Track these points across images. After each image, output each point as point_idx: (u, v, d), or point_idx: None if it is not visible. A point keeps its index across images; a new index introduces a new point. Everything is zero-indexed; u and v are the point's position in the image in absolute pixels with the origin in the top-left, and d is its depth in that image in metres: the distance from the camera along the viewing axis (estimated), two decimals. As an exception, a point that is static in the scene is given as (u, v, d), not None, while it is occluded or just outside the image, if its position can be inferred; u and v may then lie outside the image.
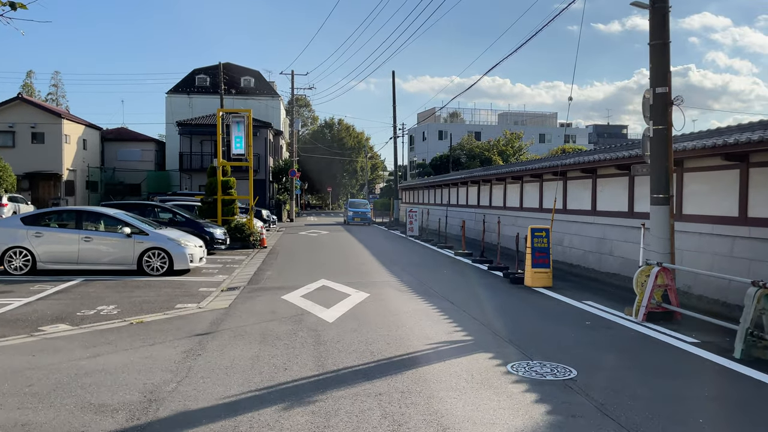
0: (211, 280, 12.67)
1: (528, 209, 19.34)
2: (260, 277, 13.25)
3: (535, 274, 11.69)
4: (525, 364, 6.18)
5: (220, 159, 20.73)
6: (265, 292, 11.08)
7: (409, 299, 10.24)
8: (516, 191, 20.59)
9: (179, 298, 10.33)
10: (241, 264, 15.76)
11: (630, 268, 13.08)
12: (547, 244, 11.80)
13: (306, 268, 14.74)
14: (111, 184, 46.30)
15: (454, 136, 67.90)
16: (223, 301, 10.11)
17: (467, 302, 9.99)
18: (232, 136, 20.58)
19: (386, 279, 12.91)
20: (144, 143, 49.25)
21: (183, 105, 49.45)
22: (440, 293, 10.90)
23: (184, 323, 8.17)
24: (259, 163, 41.05)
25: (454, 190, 28.76)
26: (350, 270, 14.47)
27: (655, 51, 9.45)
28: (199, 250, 13.86)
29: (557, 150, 58.56)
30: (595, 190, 15.17)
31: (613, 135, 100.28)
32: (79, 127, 42.72)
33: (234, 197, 21.22)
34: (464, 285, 12.25)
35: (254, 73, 52.62)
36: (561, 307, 9.86)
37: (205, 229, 17.76)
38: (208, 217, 20.33)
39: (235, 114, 20.84)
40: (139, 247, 13.09)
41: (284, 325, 8.06)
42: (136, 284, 11.88)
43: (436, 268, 15.22)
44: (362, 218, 37.54)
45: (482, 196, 24.29)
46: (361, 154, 76.67)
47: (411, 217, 26.27)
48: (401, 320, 8.36)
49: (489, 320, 8.48)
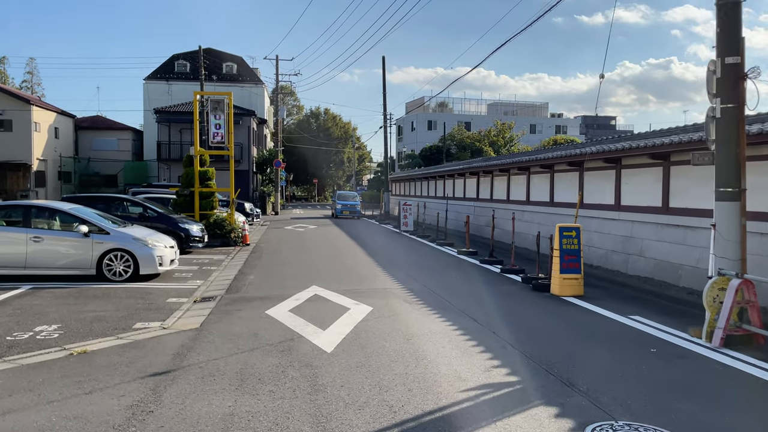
0: (183, 287, 10.80)
1: (536, 203, 17.63)
2: (241, 282, 11.41)
3: (564, 281, 9.97)
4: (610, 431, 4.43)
5: (197, 147, 18.77)
6: (246, 304, 9.25)
7: (422, 315, 8.47)
8: (522, 183, 18.89)
9: (141, 313, 8.47)
10: (220, 265, 13.88)
11: (665, 272, 11.43)
12: (578, 246, 10.08)
13: (294, 271, 12.91)
14: (86, 175, 43.93)
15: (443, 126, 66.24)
16: (193, 318, 8.27)
17: (492, 319, 8.24)
18: (211, 122, 18.63)
19: (388, 285, 11.13)
20: (121, 132, 46.90)
21: (162, 92, 47.11)
22: (456, 305, 9.14)
23: (140, 354, 6.33)
24: (241, 153, 38.98)
25: (452, 182, 26.99)
26: (345, 273, 12.67)
27: (723, 12, 7.71)
28: (170, 251, 11.96)
29: (549, 141, 57.19)
30: (620, 183, 13.49)
31: (603, 126, 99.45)
32: (51, 115, 40.29)
33: (213, 189, 19.27)
34: (480, 293, 10.51)
35: (237, 59, 50.35)
36: (606, 324, 8.14)
37: (180, 226, 15.85)
38: (184, 212, 18.37)
39: (215, 98, 18.87)
40: (98, 248, 11.17)
41: (269, 357, 6.24)
42: (92, 293, 9.99)
43: (441, 271, 13.46)
44: (351, 211, 35.69)
45: (484, 189, 22.55)
46: (348, 145, 74.60)
47: (405, 210, 24.48)
48: (420, 349, 6.59)
49: (529, 347, 6.74)
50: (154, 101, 44.82)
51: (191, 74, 47.20)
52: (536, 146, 55.76)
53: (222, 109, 18.63)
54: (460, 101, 73.45)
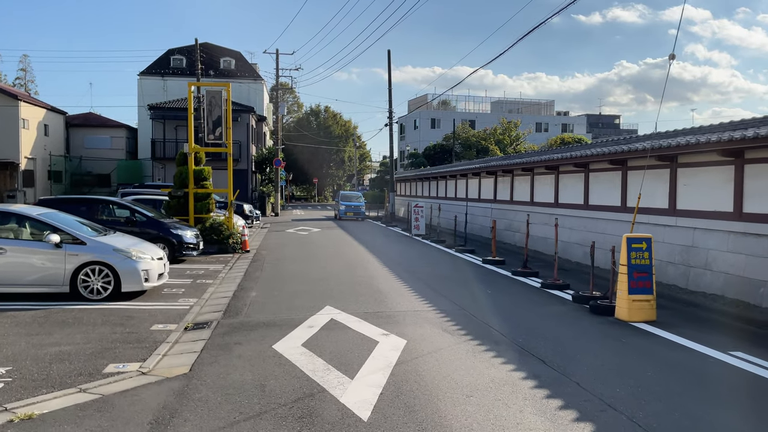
0: (172, 308, 9.06)
1: (567, 205, 15.89)
2: (242, 301, 9.66)
3: (633, 304, 8.24)
4: None
5: (191, 144, 16.99)
6: (249, 334, 7.50)
7: (471, 352, 6.72)
8: (549, 183, 17.16)
9: (117, 349, 6.73)
10: (217, 278, 12.13)
11: (740, 290, 9.69)
12: (649, 260, 8.35)
13: (302, 285, 11.16)
14: (77, 175, 42.11)
15: (446, 124, 64.44)
16: (182, 357, 6.52)
17: (565, 359, 6.49)
18: (207, 117, 16.84)
19: (416, 305, 9.39)
20: (114, 130, 45.04)
21: (157, 88, 45.28)
22: (509, 336, 7.40)
23: (105, 425, 4.59)
24: (240, 152, 37.22)
25: (464, 182, 25.23)
26: (361, 288, 10.92)
27: None
28: (158, 263, 10.20)
29: (556, 139, 55.44)
30: (675, 184, 11.77)
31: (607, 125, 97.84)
32: (40, 111, 38.45)
33: (209, 190, 17.50)
34: (530, 317, 8.77)
35: (235, 54, 48.52)
36: (711, 367, 6.39)
37: (172, 231, 14.10)
38: (178, 215, 16.62)
39: (210, 89, 17.11)
40: (72, 261, 9.42)
41: (282, 429, 4.50)
42: (62, 317, 8.24)
43: (471, 285, 11.73)
44: (355, 213, 33.93)
45: (503, 189, 20.81)
46: (349, 144, 72.78)
47: (417, 212, 22.73)
48: (491, 414, 4.84)
49: (641, 410, 5.01)
50: (149, 97, 42.97)
51: (187, 69, 45.37)
52: (543, 145, 54.07)
53: (219, 103, 16.87)
54: (464, 99, 71.65)
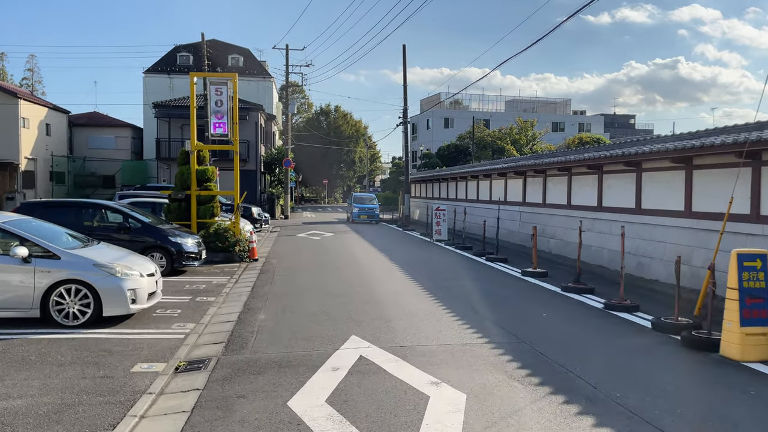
0: (162, 338, 7.36)
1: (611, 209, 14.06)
2: (248, 327, 7.94)
3: (747, 338, 6.43)
4: None
5: (194, 141, 15.31)
6: (256, 380, 5.77)
7: (563, 419, 4.95)
8: (591, 185, 15.34)
9: (79, 408, 5.02)
10: (220, 294, 10.42)
11: None
12: (765, 283, 6.55)
13: (319, 305, 9.42)
14: (81, 176, 40.66)
15: (460, 124, 62.57)
16: (165, 423, 4.80)
17: (693, 427, 4.72)
18: (212, 111, 15.16)
19: (462, 337, 7.62)
20: (119, 129, 43.59)
21: (163, 86, 43.80)
22: (602, 388, 5.61)
23: None
24: (248, 151, 35.60)
25: (488, 183, 23.41)
26: (390, 311, 9.15)
27: None
28: (148, 281, 8.48)
29: (574, 139, 53.53)
30: (759, 184, 9.95)
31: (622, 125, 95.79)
32: (41, 110, 37.00)
33: (214, 192, 15.80)
34: (614, 355, 6.98)
35: (243, 51, 46.96)
36: None
37: (170, 239, 12.41)
38: (179, 220, 14.94)
39: (215, 79, 15.43)
40: (43, 279, 7.75)
41: None
42: (22, 353, 6.57)
43: (522, 306, 9.95)
44: (369, 215, 32.21)
45: (534, 191, 18.99)
46: (360, 144, 71.06)
47: (438, 216, 20.96)
48: None
49: None
50: (155, 96, 41.43)
51: (194, 67, 43.78)
52: (560, 145, 52.14)
53: (225, 95, 15.18)
54: (477, 98, 69.72)
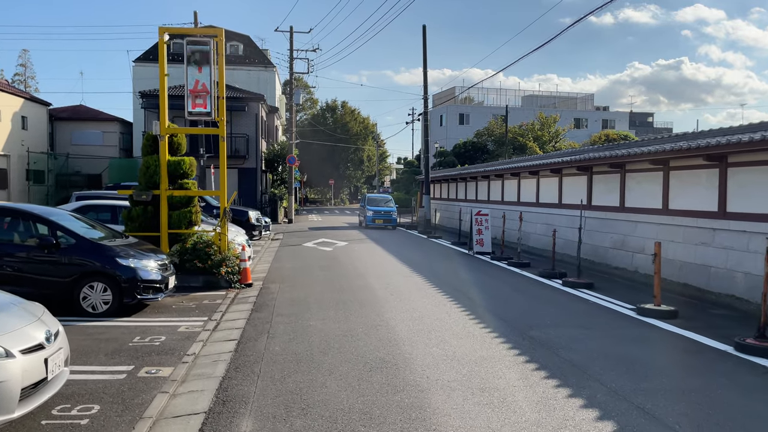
0: None
1: (680, 212, 9.97)
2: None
3: None
4: None
5: (164, 121, 11.31)
6: None
7: None
8: (656, 182, 11.27)
9: None
10: (183, 359, 6.39)
11: None
12: None
13: (350, 393, 5.40)
14: (63, 175, 36.74)
15: (476, 119, 58.52)
16: None
17: None
18: (189, 78, 11.16)
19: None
20: (106, 123, 39.73)
21: (154, 76, 39.57)
22: None
23: None
24: (247, 147, 31.62)
25: (529, 182, 19.27)
26: (467, 388, 5.12)
27: None
28: (27, 362, 4.45)
29: (600, 135, 49.47)
30: None
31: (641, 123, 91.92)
32: (16, 101, 33.11)
33: (192, 193, 11.73)
34: None
35: (243, 38, 42.98)
36: None
37: (119, 262, 8.40)
38: (143, 231, 10.93)
39: (194, 39, 11.45)
40: None
41: None
42: None
43: (643, 364, 5.91)
44: (386, 220, 28.18)
45: (603, 192, 14.88)
46: (368, 142, 67.06)
47: (480, 223, 16.89)
48: None
49: None
50: (146, 87, 37.48)
51: (189, 55, 39.87)
52: (585, 142, 48.11)
53: (207, 59, 11.16)
54: (494, 92, 65.62)
